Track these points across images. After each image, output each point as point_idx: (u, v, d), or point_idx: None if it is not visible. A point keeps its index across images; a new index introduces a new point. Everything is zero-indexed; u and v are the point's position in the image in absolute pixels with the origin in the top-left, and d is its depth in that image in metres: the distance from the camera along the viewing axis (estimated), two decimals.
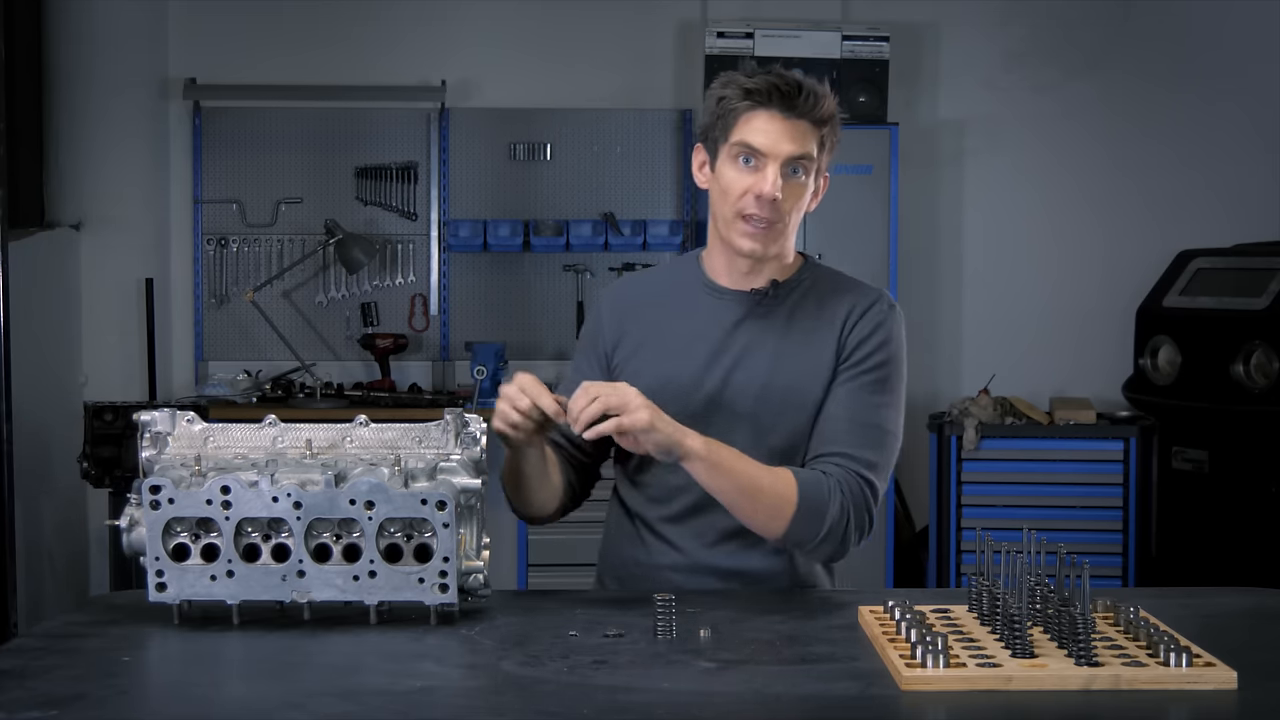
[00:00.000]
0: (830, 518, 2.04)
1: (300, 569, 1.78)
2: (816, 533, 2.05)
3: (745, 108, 2.09)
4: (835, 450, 2.10)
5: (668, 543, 2.18)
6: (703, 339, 2.18)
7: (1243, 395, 4.69)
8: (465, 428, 1.88)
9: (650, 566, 2.19)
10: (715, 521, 2.14)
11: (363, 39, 5.51)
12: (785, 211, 2.11)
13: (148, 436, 1.87)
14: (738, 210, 2.11)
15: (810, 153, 2.10)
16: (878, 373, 2.14)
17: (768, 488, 2.03)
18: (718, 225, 2.16)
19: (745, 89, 2.09)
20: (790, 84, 2.09)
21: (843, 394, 2.13)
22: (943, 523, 4.98)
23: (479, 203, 5.56)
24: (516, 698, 1.54)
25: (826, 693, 1.57)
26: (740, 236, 2.12)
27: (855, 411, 2.12)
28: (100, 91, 5.17)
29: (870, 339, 2.15)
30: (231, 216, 5.53)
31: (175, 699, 1.60)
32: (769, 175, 2.08)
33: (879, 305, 2.18)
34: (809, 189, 2.14)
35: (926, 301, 5.60)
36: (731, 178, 2.11)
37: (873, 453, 2.10)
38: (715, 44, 5.08)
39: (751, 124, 2.09)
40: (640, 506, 2.21)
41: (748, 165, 2.10)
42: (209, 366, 5.50)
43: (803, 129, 2.09)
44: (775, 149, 2.08)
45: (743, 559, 2.16)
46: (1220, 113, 5.57)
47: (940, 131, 5.60)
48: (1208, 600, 2.02)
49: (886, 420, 2.13)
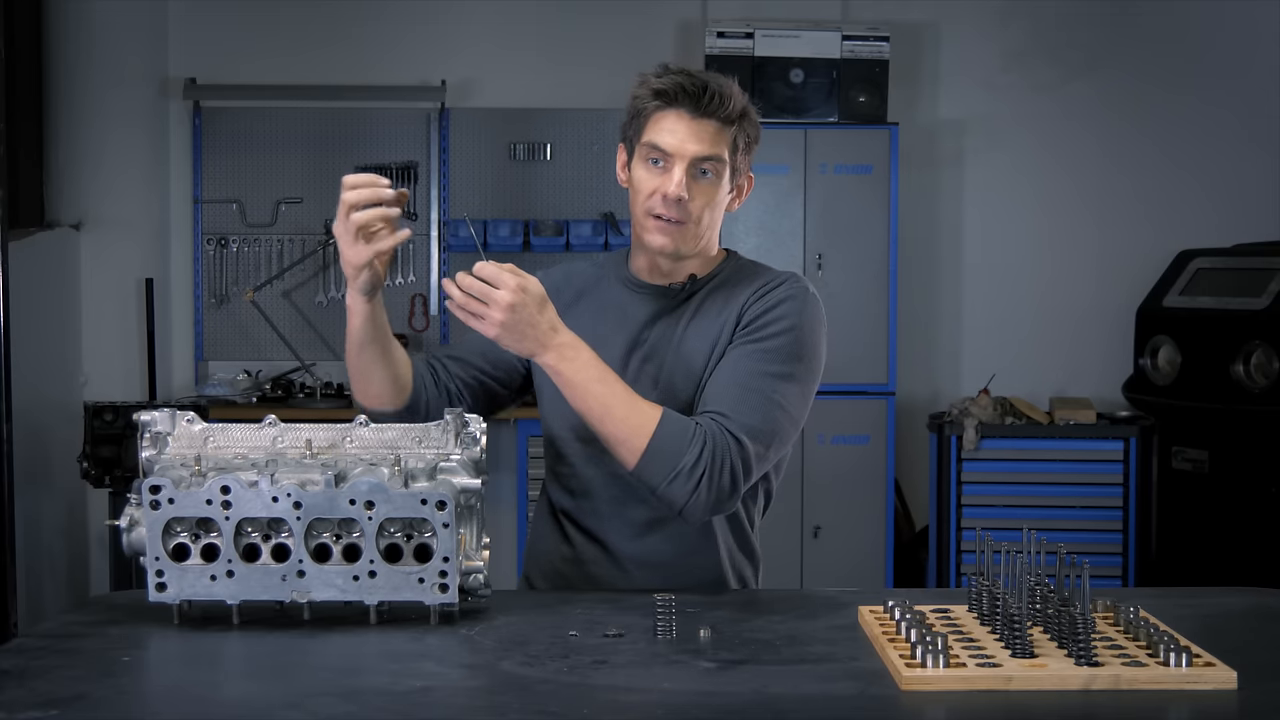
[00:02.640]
0: (685, 461, 1.97)
1: (300, 569, 1.78)
2: (668, 473, 1.97)
3: (654, 108, 2.10)
4: (712, 409, 2.03)
5: (591, 536, 2.18)
6: (619, 333, 2.18)
7: (1243, 395, 4.69)
8: (465, 428, 1.88)
9: (575, 561, 2.18)
10: (637, 514, 2.14)
11: (363, 39, 5.51)
12: (695, 212, 2.10)
13: (148, 436, 1.87)
14: (647, 209, 2.11)
15: (720, 154, 2.10)
16: (772, 342, 2.08)
17: (621, 415, 1.98)
18: (634, 224, 2.17)
19: (653, 89, 2.10)
20: (697, 84, 2.08)
21: (730, 360, 2.08)
22: (943, 523, 4.98)
23: (479, 203, 5.56)
24: (516, 698, 1.54)
25: (826, 693, 1.57)
26: (649, 234, 2.12)
27: (741, 377, 2.05)
28: (100, 91, 5.17)
29: (769, 313, 2.10)
30: (231, 216, 5.53)
31: (175, 699, 1.60)
32: (674, 176, 2.08)
33: (785, 285, 2.14)
34: (721, 189, 2.13)
35: (926, 301, 5.60)
36: (641, 177, 2.12)
37: (753, 417, 2.02)
38: (715, 44, 5.09)
39: (660, 125, 2.10)
40: (563, 500, 2.21)
41: (657, 166, 2.10)
42: (209, 366, 5.50)
43: (711, 129, 2.09)
44: (681, 149, 2.08)
45: (667, 552, 2.14)
46: (1220, 113, 5.57)
47: (940, 131, 5.60)
48: (1208, 600, 2.02)
49: (776, 391, 2.04)
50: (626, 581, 2.15)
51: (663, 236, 2.11)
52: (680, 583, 2.11)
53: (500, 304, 1.91)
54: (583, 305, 2.23)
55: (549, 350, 1.97)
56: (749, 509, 2.21)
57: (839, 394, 4.82)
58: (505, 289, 1.91)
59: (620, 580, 2.15)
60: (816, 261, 5.05)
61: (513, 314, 1.92)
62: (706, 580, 2.16)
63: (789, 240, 5.07)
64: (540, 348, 1.96)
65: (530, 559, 2.29)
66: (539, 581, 2.24)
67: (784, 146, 5.05)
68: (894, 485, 5.16)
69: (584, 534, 2.19)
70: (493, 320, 1.92)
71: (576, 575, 2.18)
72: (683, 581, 2.12)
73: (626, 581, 2.15)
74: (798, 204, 5.07)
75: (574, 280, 2.27)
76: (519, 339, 1.95)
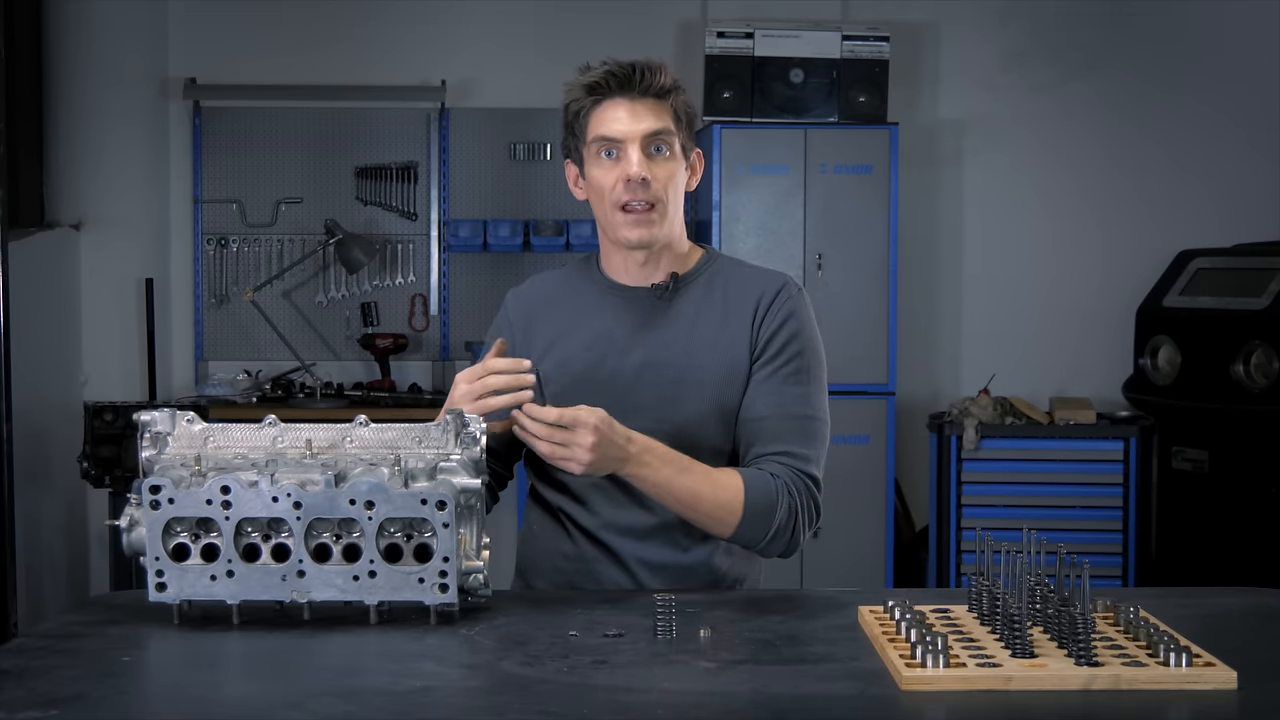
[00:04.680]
0: (779, 519, 2.08)
1: (300, 569, 1.78)
2: (764, 534, 2.09)
3: (591, 104, 2.13)
4: (775, 449, 2.12)
5: (595, 539, 2.18)
6: (608, 337, 2.18)
7: (1243, 395, 4.69)
8: (465, 428, 1.88)
9: (580, 561, 2.19)
10: (639, 519, 2.15)
11: (363, 39, 5.51)
12: (660, 191, 2.13)
13: (148, 436, 1.87)
14: (614, 203, 2.13)
15: (667, 126, 2.13)
16: (796, 363, 2.16)
17: (708, 496, 2.06)
18: (604, 228, 2.18)
19: (586, 86, 2.14)
20: (624, 67, 2.12)
21: (766, 390, 2.15)
22: (943, 523, 4.98)
23: (479, 203, 5.56)
24: (516, 698, 1.54)
25: (826, 693, 1.57)
26: (624, 228, 2.14)
27: (783, 406, 2.14)
28: (100, 91, 5.17)
29: (782, 330, 2.16)
30: (231, 216, 5.53)
31: (175, 699, 1.60)
32: (632, 157, 2.11)
33: (785, 292, 2.19)
34: (679, 165, 2.16)
35: (926, 301, 5.60)
36: (598, 175, 2.14)
37: (809, 446, 2.13)
38: (715, 44, 5.09)
39: (602, 117, 2.13)
40: (563, 502, 2.21)
41: (610, 158, 2.13)
42: (209, 366, 5.50)
43: (650, 106, 2.12)
44: (630, 132, 2.11)
45: (670, 554, 2.16)
46: (1220, 113, 5.57)
47: (940, 131, 5.60)
48: (1208, 600, 2.02)
49: (813, 408, 2.16)
50: (630, 582, 2.16)
51: (638, 228, 2.13)
52: (683, 583, 2.14)
53: (586, 444, 1.95)
54: (569, 311, 2.23)
55: (629, 463, 2.02)
56: None
57: (839, 394, 4.78)
58: (586, 427, 1.95)
59: (623, 581, 2.16)
60: (816, 261, 5.05)
61: (600, 450, 1.96)
62: (711, 582, 2.18)
63: (789, 240, 5.07)
64: (623, 464, 2.01)
65: (527, 561, 2.29)
66: (536, 579, 2.24)
67: (784, 146, 5.05)
68: (894, 485, 5.16)
69: (586, 534, 2.19)
70: (582, 460, 1.96)
71: (578, 572, 2.19)
72: (686, 581, 2.15)
73: (630, 582, 2.16)
74: (798, 204, 5.07)
75: (545, 289, 2.29)
76: (604, 464, 2.00)
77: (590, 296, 2.24)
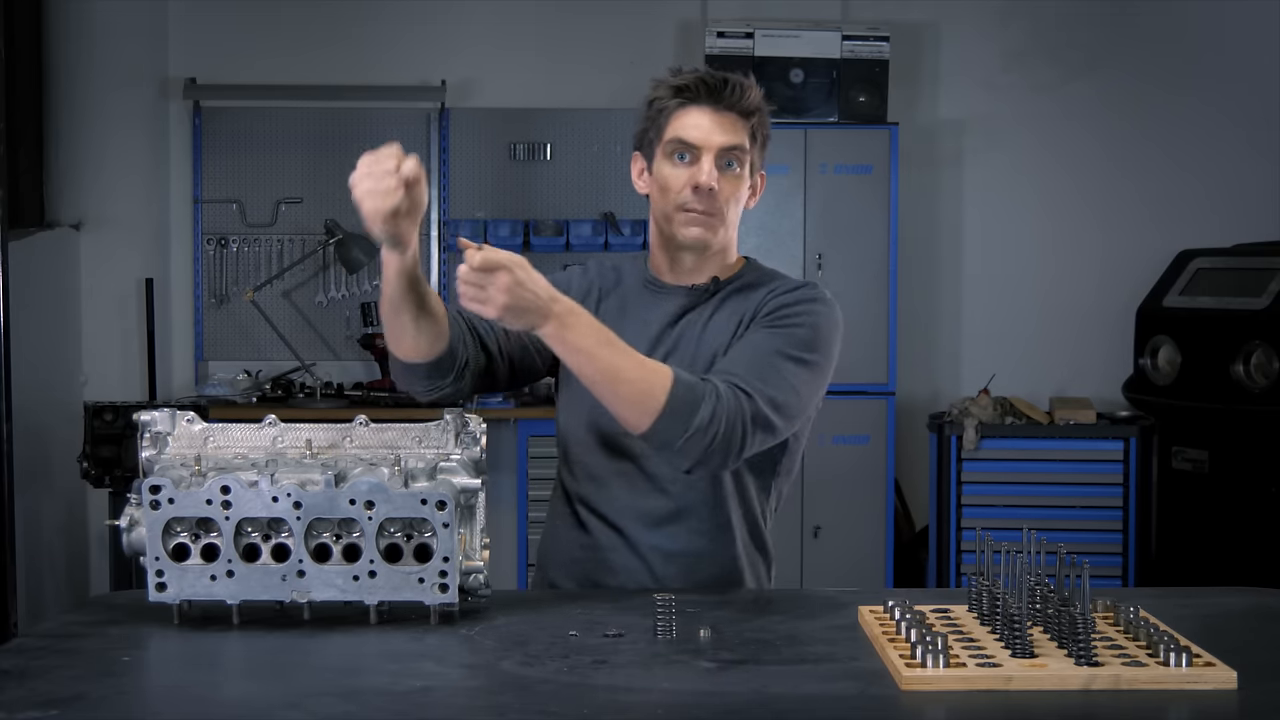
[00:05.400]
0: (699, 419, 1.96)
1: (300, 569, 1.78)
2: (682, 432, 1.96)
3: (676, 105, 2.16)
4: (723, 369, 2.05)
5: (609, 523, 2.19)
6: (643, 333, 2.19)
7: (1243, 395, 4.69)
8: (465, 428, 1.88)
9: (595, 550, 2.19)
10: (657, 505, 2.16)
11: (363, 39, 5.51)
12: (722, 203, 2.15)
13: (148, 436, 1.87)
14: (677, 204, 2.15)
15: (742, 144, 2.16)
16: (791, 330, 2.10)
17: (633, 378, 1.96)
18: (659, 224, 2.21)
19: (674, 87, 2.16)
20: (716, 78, 2.15)
21: (746, 338, 2.11)
22: (943, 523, 4.98)
23: (479, 203, 5.56)
24: (516, 698, 1.54)
25: (826, 693, 1.57)
26: (682, 226, 2.16)
27: (756, 351, 2.07)
28: (100, 91, 5.17)
29: (791, 306, 2.13)
30: (231, 216, 5.53)
31: (175, 699, 1.60)
32: (704, 166, 2.13)
33: (807, 287, 2.18)
34: (744, 184, 2.19)
35: (926, 301, 5.60)
36: (668, 174, 2.16)
37: (764, 383, 2.02)
38: (715, 44, 5.09)
39: (683, 120, 2.15)
40: (579, 488, 2.22)
41: (683, 160, 2.15)
42: (209, 366, 5.50)
43: (732, 120, 2.15)
44: (708, 141, 2.14)
45: (684, 543, 2.16)
46: (1220, 113, 5.57)
47: (940, 131, 5.60)
48: (1208, 600, 2.02)
49: (789, 371, 2.06)
50: (644, 570, 2.16)
51: (696, 227, 2.15)
52: (697, 574, 2.16)
53: (500, 284, 1.87)
54: (616, 304, 2.26)
55: (550, 319, 1.92)
56: (762, 505, 2.23)
57: (839, 394, 4.79)
58: (502, 269, 1.87)
59: (638, 569, 2.17)
60: (816, 261, 5.05)
61: (513, 291, 1.88)
62: (722, 574, 2.18)
63: (789, 240, 5.07)
64: (542, 318, 1.91)
65: (547, 552, 2.29)
66: (556, 573, 2.24)
67: (784, 146, 5.04)
68: (894, 485, 5.16)
69: (601, 520, 2.20)
70: (495, 301, 1.88)
71: (593, 562, 2.19)
72: (699, 572, 2.16)
73: (644, 570, 2.16)
74: (798, 204, 5.07)
75: (606, 276, 2.30)
76: (521, 314, 1.90)
77: (635, 290, 2.27)
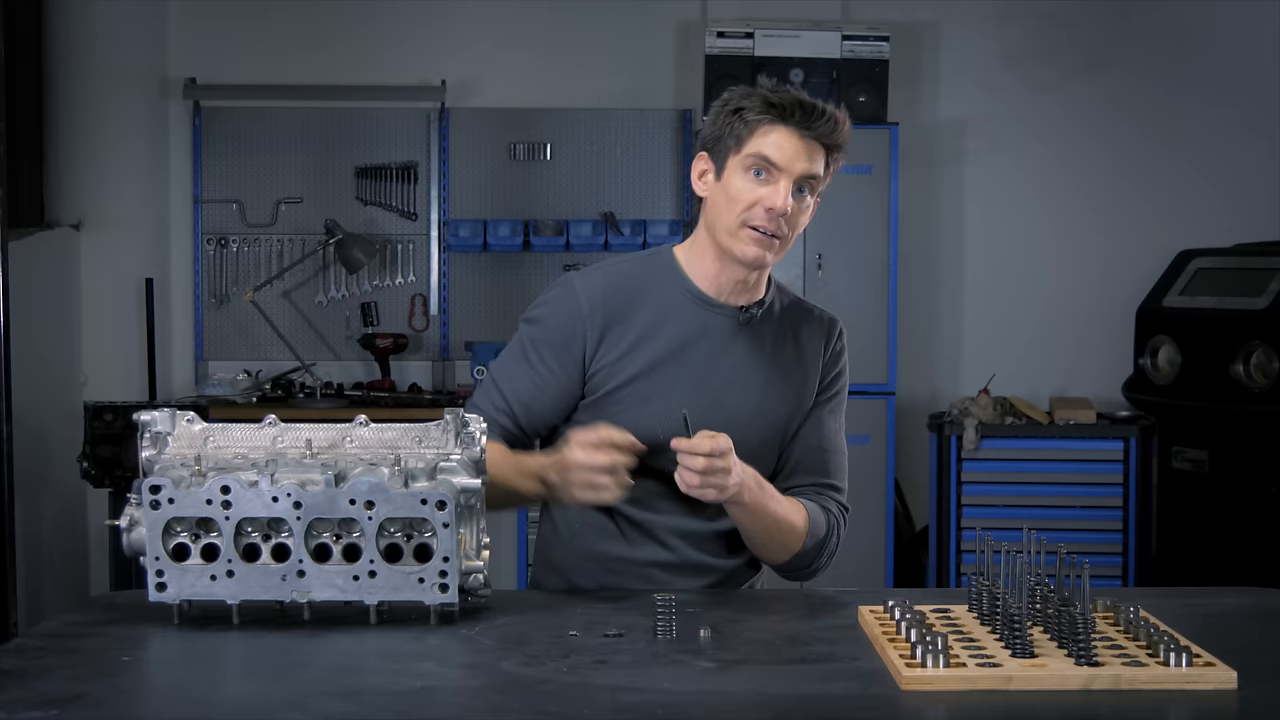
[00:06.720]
0: (827, 552, 2.21)
1: (300, 569, 1.78)
2: (813, 565, 2.21)
3: (764, 120, 2.09)
4: (827, 482, 2.23)
5: (656, 540, 2.18)
6: (694, 350, 2.17)
7: (1243, 395, 4.69)
8: (465, 428, 1.88)
9: (632, 562, 2.18)
10: (700, 524, 2.18)
11: (363, 39, 5.51)
12: (789, 228, 2.12)
13: (148, 436, 1.87)
14: (744, 220, 2.10)
15: (819, 174, 2.13)
16: (839, 398, 2.29)
17: (785, 526, 2.13)
18: (716, 234, 2.14)
19: (769, 102, 2.09)
20: (810, 104, 2.10)
21: (816, 420, 2.25)
22: (943, 523, 4.98)
23: (479, 203, 5.56)
24: (516, 698, 1.54)
25: (826, 693, 1.57)
26: (745, 244, 2.11)
27: (830, 440, 2.25)
28: (100, 91, 5.17)
29: (839, 370, 2.28)
30: (231, 216, 5.53)
31: (175, 699, 1.60)
32: (781, 189, 2.08)
33: (843, 335, 2.30)
34: (810, 212, 2.16)
35: (926, 301, 5.60)
36: (740, 187, 2.10)
37: (843, 479, 2.27)
38: (715, 44, 5.08)
39: (769, 137, 2.09)
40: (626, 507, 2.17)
41: (759, 177, 2.09)
42: (209, 366, 5.50)
43: (817, 149, 2.11)
44: (790, 165, 2.09)
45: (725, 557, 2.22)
46: (1220, 112, 5.57)
47: (940, 131, 5.60)
48: (1208, 600, 2.02)
49: (843, 442, 2.29)
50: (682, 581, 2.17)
51: (758, 248, 2.11)
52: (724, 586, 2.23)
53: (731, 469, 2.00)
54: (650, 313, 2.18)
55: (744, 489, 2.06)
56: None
57: None
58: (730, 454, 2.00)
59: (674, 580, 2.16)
60: (816, 261, 5.05)
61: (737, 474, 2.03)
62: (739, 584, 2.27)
63: None
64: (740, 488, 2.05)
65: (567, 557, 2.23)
66: (584, 581, 2.20)
67: None
68: (894, 485, 5.16)
69: (647, 536, 2.19)
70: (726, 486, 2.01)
71: (631, 574, 2.18)
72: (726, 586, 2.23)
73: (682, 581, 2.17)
74: None
75: (623, 283, 2.20)
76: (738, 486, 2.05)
77: (674, 300, 2.19)
